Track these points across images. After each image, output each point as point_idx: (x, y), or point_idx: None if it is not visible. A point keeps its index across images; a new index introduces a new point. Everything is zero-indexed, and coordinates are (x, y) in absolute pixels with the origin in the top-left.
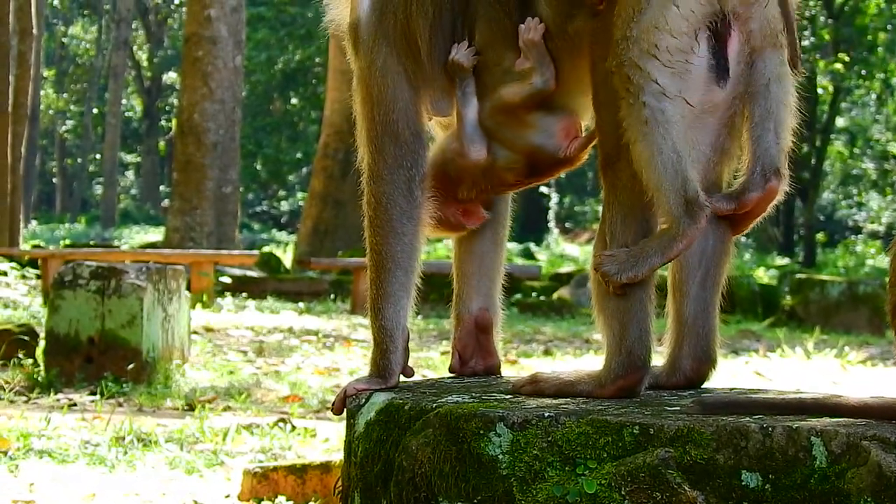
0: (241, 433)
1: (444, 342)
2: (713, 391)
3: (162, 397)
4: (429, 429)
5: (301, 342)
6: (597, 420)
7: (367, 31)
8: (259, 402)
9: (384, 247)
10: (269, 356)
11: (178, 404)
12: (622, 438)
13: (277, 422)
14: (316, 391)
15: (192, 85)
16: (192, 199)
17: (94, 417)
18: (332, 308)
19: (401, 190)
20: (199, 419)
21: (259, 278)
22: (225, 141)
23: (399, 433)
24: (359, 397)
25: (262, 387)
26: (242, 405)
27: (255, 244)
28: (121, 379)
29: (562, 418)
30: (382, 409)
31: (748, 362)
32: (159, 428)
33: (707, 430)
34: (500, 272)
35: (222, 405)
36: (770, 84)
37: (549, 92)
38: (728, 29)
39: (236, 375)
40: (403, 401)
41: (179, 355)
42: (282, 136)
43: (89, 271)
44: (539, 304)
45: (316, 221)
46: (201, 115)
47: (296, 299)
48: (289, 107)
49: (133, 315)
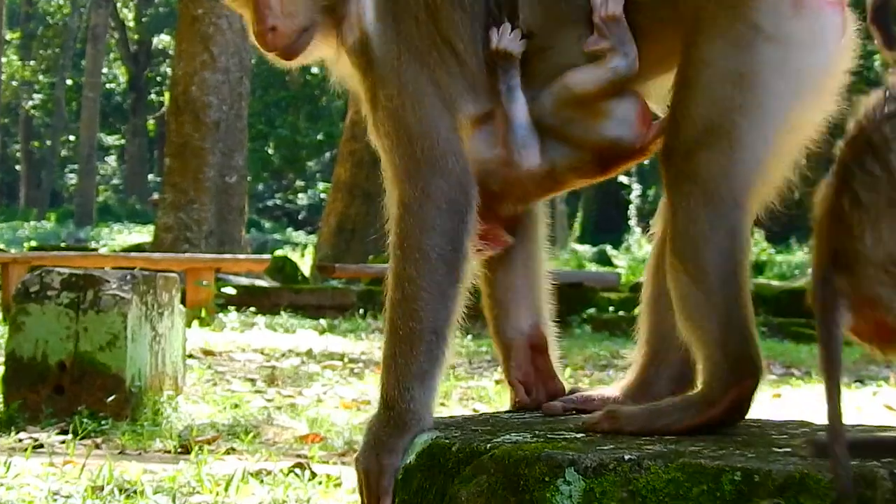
0: (248, 482)
1: (498, 368)
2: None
3: (150, 437)
4: (482, 475)
5: (322, 368)
6: (689, 464)
7: (383, 48)
8: (270, 442)
9: (426, 313)
10: (283, 386)
11: (170, 446)
12: (720, 487)
13: (294, 467)
14: (341, 429)
15: (190, 50)
16: (189, 190)
17: (65, 462)
18: (361, 326)
19: (453, 240)
20: (195, 464)
21: (270, 289)
22: (229, 119)
23: (445, 480)
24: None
25: (274, 424)
26: (250, 447)
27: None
28: (99, 414)
29: (646, 462)
30: (424, 452)
31: (876, 393)
32: (146, 475)
33: (824, 478)
34: (546, 277)
35: (225, 447)
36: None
37: (632, 76)
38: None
39: (242, 410)
40: (450, 440)
41: (172, 385)
42: (299, 114)
43: (60, 280)
44: (617, 320)
45: (341, 219)
46: (200, 87)
47: (316, 315)
48: (308, 77)
49: (114, 335)
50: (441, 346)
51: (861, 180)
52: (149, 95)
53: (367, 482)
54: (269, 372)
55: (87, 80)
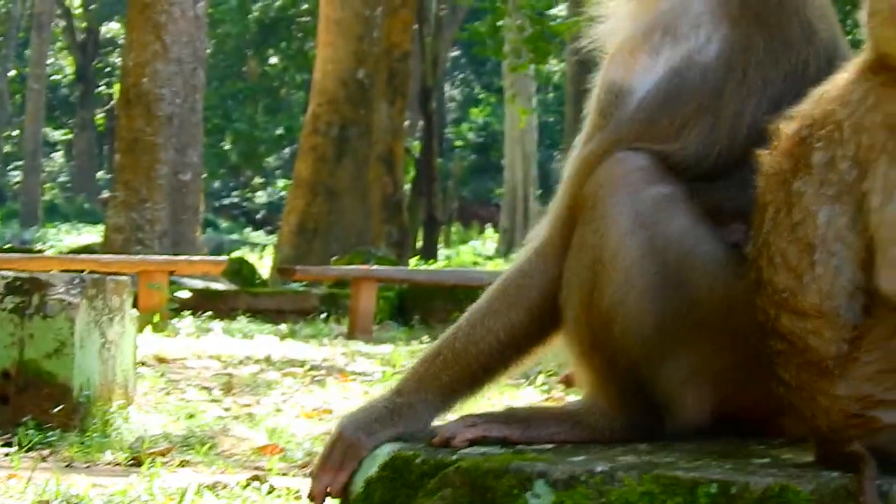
0: (202, 495)
1: None
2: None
3: (99, 449)
4: (447, 488)
5: (282, 376)
6: (663, 476)
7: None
8: (227, 454)
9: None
10: (241, 394)
11: (121, 458)
12: (696, 500)
13: (251, 480)
14: (301, 440)
15: (141, 39)
16: (141, 188)
17: (9, 476)
18: (323, 331)
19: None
20: (147, 477)
21: (227, 292)
22: (183, 113)
23: (409, 494)
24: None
25: (230, 434)
26: (205, 458)
27: (222, 248)
28: (45, 425)
29: (619, 474)
30: (388, 464)
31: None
32: (95, 489)
33: (805, 489)
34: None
35: (178, 459)
36: None
37: None
38: None
39: (197, 420)
40: (414, 452)
41: (122, 394)
42: (258, 107)
43: (4, 284)
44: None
45: (302, 218)
46: (152, 78)
47: (276, 319)
48: (267, 68)
49: (61, 341)
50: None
51: None
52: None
53: (335, 447)
54: (226, 380)
55: (32, 71)
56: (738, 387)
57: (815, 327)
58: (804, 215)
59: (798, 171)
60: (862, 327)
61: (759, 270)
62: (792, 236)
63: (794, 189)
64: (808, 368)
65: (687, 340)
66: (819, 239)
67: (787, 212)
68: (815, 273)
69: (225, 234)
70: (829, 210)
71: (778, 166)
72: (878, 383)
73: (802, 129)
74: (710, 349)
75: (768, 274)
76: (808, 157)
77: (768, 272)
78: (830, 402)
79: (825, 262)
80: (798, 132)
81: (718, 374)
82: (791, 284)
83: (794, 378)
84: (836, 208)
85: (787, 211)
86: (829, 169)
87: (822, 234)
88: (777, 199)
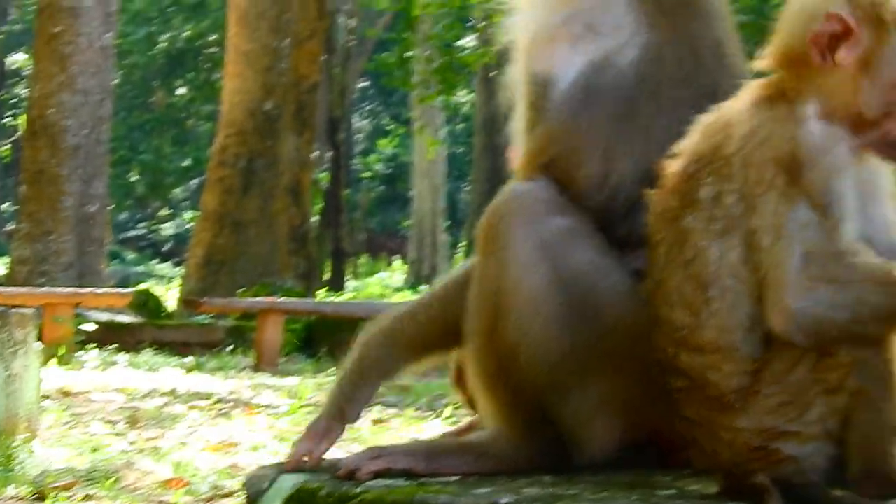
0: None
1: (375, 408)
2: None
3: (2, 483)
4: None
5: (188, 409)
6: None
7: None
8: (132, 488)
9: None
10: (146, 428)
11: (24, 492)
12: None
13: None
14: (206, 473)
15: (47, 70)
16: (46, 220)
17: None
18: (229, 363)
19: None
20: None
21: (133, 325)
22: (89, 144)
23: None
24: (261, 481)
25: (135, 468)
26: (109, 493)
27: (128, 280)
28: None
29: None
30: (292, 496)
31: None
32: None
33: None
34: None
35: (82, 493)
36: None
37: None
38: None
39: (101, 453)
40: (319, 484)
41: (26, 427)
42: (165, 138)
43: None
44: None
45: (209, 250)
46: (58, 109)
47: (182, 352)
48: (174, 99)
49: None
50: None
51: None
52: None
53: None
54: (131, 413)
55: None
56: (646, 416)
57: (715, 362)
58: (696, 252)
59: (686, 208)
60: (761, 360)
61: (655, 308)
62: (686, 273)
63: (683, 226)
64: (710, 404)
65: (595, 370)
66: (712, 275)
67: (680, 249)
68: (711, 309)
69: (131, 265)
70: (720, 245)
71: (667, 203)
72: (779, 415)
73: (689, 164)
74: (618, 378)
75: (665, 312)
76: (696, 193)
77: (665, 310)
78: (733, 436)
79: (720, 297)
80: (685, 169)
81: (627, 403)
82: (688, 321)
83: (695, 414)
84: (725, 243)
85: (679, 248)
86: (715, 204)
87: (715, 270)
88: (668, 236)
